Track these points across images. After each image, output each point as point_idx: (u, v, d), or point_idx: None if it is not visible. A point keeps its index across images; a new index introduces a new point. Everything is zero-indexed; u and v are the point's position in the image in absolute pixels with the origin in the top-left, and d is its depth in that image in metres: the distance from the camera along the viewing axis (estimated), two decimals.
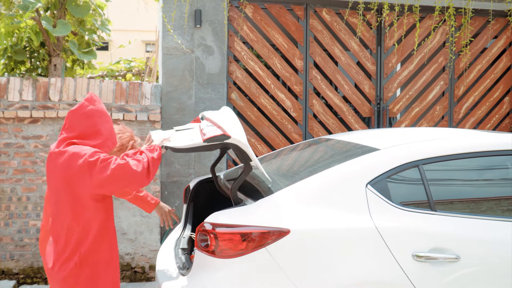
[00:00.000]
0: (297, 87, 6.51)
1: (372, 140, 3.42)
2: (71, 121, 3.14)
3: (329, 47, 6.61)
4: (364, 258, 2.77)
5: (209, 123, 3.09)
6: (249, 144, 3.09)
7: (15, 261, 5.51)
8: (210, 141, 2.88)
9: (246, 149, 2.92)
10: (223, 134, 2.86)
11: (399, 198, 2.93)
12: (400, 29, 6.68)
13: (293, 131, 6.48)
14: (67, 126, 3.14)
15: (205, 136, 2.92)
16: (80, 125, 3.11)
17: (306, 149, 4.03)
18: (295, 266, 2.76)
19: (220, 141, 2.87)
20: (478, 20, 6.93)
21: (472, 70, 7.01)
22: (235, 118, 3.24)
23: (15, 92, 5.46)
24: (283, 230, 2.73)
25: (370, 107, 6.75)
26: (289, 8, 6.50)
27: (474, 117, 7.08)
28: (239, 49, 6.31)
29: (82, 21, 6.31)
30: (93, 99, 3.20)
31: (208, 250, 2.84)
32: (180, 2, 5.90)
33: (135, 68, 9.21)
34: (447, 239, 2.85)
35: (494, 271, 2.88)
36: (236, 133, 2.95)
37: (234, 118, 3.23)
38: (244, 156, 2.97)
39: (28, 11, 5.47)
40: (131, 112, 5.65)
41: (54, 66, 5.96)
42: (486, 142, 3.28)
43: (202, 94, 5.97)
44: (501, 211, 3.10)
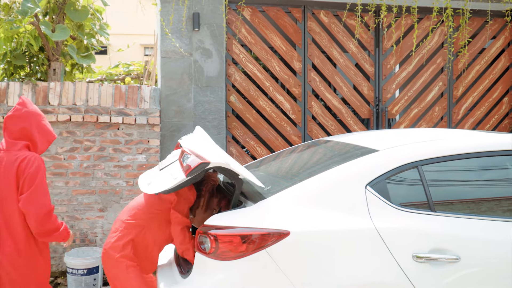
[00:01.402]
0: (295, 89, 6.51)
1: (371, 141, 3.43)
2: (10, 125, 3.51)
3: (327, 49, 6.62)
4: (364, 259, 2.77)
5: (187, 154, 3.09)
6: (231, 159, 3.07)
7: None
8: (192, 174, 2.89)
9: (229, 167, 2.92)
10: (203, 162, 2.86)
11: (399, 199, 2.94)
12: (398, 31, 6.69)
13: (292, 133, 6.49)
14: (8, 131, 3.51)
15: (186, 170, 2.93)
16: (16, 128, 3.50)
17: (305, 151, 4.04)
18: (295, 267, 2.76)
19: (202, 169, 2.87)
20: (476, 21, 6.94)
21: (471, 71, 7.03)
22: (208, 140, 3.26)
23: (14, 96, 5.46)
24: (283, 232, 2.74)
25: (369, 108, 6.76)
26: (287, 10, 6.51)
27: (473, 118, 7.08)
28: (237, 52, 6.32)
29: (80, 26, 6.32)
30: (24, 102, 3.56)
31: (208, 252, 2.84)
32: (178, 6, 5.91)
33: (134, 71, 9.21)
34: (447, 240, 2.85)
35: (494, 271, 2.88)
36: (214, 156, 2.96)
37: (208, 140, 3.25)
38: (231, 173, 2.96)
39: (27, 16, 5.48)
40: (130, 116, 5.65)
41: (53, 71, 5.97)
42: (486, 142, 3.28)
43: (201, 97, 5.98)
44: (501, 211, 3.10)
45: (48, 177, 5.51)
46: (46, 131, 3.62)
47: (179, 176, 3.05)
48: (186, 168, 2.96)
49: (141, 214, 3.42)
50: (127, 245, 3.35)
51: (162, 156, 5.80)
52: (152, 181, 3.41)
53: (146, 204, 3.45)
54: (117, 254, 3.33)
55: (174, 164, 3.38)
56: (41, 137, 3.59)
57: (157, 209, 3.41)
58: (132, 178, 5.66)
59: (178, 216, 3.34)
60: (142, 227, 3.39)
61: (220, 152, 3.14)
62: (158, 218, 3.41)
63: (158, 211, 3.41)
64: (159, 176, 3.43)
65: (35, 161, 3.45)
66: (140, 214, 3.42)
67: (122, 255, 3.33)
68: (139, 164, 5.68)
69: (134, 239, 3.37)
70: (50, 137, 3.65)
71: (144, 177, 3.61)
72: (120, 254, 3.33)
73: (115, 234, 3.40)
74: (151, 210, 3.42)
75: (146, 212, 3.42)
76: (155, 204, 3.43)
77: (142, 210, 3.43)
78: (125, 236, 3.37)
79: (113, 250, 3.36)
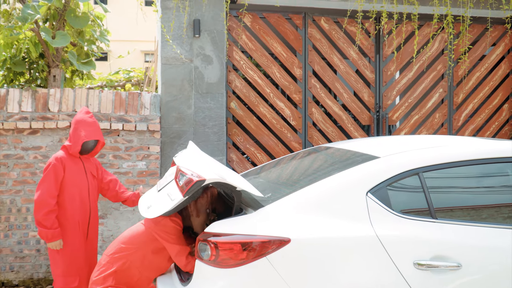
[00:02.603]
0: (296, 95, 6.51)
1: (372, 148, 3.42)
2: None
3: (328, 55, 6.62)
4: (365, 266, 2.76)
5: (182, 175, 3.08)
6: (227, 172, 3.05)
7: (15, 273, 5.49)
8: (189, 193, 2.89)
9: (225, 181, 2.90)
10: (199, 180, 2.85)
11: (400, 206, 2.92)
12: (398, 37, 6.70)
13: (293, 139, 6.48)
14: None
15: (183, 190, 2.92)
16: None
17: (306, 157, 4.02)
18: (296, 275, 2.74)
19: (198, 187, 2.86)
20: (476, 28, 6.95)
21: (471, 78, 7.03)
22: (202, 155, 3.24)
23: (14, 103, 5.46)
24: (284, 239, 2.72)
25: (370, 115, 6.75)
26: (288, 17, 6.52)
27: (473, 125, 7.08)
28: (238, 58, 6.32)
29: (81, 32, 6.32)
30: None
31: (208, 260, 2.82)
32: (178, 12, 5.91)
33: (134, 78, 9.22)
34: (448, 247, 2.83)
35: (495, 279, 2.86)
36: (209, 172, 2.94)
37: (202, 155, 3.24)
38: (228, 187, 2.95)
39: (27, 23, 5.49)
40: (131, 122, 5.64)
41: (53, 77, 5.97)
42: (486, 149, 3.27)
43: (201, 103, 5.97)
44: (502, 218, 3.09)
45: None
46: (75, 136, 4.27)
47: (177, 197, 3.04)
48: (183, 188, 2.95)
49: (126, 247, 3.48)
50: (108, 277, 3.41)
51: (162, 163, 5.79)
52: (152, 204, 3.40)
53: (135, 236, 3.49)
54: (99, 287, 3.41)
55: (171, 184, 3.36)
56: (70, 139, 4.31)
57: (142, 241, 3.45)
58: (132, 185, 5.65)
59: (175, 248, 3.32)
60: (126, 259, 3.43)
61: (215, 166, 3.12)
62: (142, 249, 3.43)
63: (142, 243, 3.44)
64: (157, 198, 3.43)
65: (50, 159, 4.23)
66: (124, 247, 3.47)
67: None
68: (139, 170, 5.67)
69: (117, 271, 3.42)
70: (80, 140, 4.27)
71: (144, 200, 3.62)
72: (101, 287, 3.40)
73: (98, 268, 3.49)
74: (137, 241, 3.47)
75: (134, 243, 3.47)
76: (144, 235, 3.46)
77: (129, 242, 3.48)
78: (107, 270, 3.43)
79: (95, 284, 3.43)
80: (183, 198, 2.95)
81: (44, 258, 5.54)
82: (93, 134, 4.32)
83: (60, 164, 4.19)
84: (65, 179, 4.22)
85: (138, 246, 3.42)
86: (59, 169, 4.18)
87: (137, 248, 3.42)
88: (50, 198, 4.09)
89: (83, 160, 4.41)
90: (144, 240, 3.42)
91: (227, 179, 2.90)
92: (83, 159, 4.41)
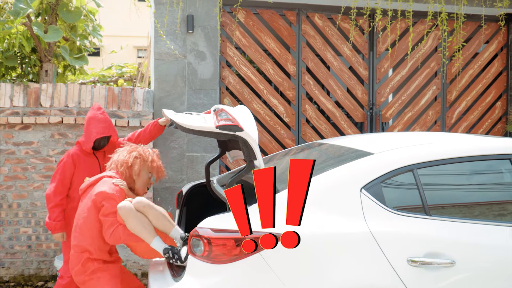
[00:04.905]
0: (289, 92, 6.50)
1: (366, 145, 3.41)
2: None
3: (322, 52, 6.61)
4: (359, 262, 2.75)
5: (225, 113, 3.10)
6: (257, 144, 3.10)
7: (5, 269, 5.45)
8: (222, 129, 2.90)
9: (254, 146, 2.93)
10: (237, 125, 2.87)
11: (394, 203, 2.92)
12: (392, 34, 6.69)
13: (286, 136, 6.47)
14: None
15: (219, 123, 2.93)
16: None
17: (299, 153, 4.02)
18: (289, 271, 2.74)
19: (233, 131, 2.89)
20: (470, 25, 6.95)
21: (464, 75, 7.04)
22: (250, 116, 3.26)
23: (6, 98, 5.41)
24: (277, 235, 2.71)
25: (363, 112, 6.75)
26: (281, 13, 6.50)
27: (466, 122, 7.09)
28: (231, 55, 6.29)
29: (73, 27, 6.28)
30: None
31: (201, 255, 2.81)
32: (172, 8, 5.88)
33: (127, 73, 9.18)
34: (442, 244, 2.83)
35: (490, 276, 2.86)
36: (249, 129, 2.97)
37: (250, 116, 3.26)
38: (250, 154, 2.99)
39: (19, 17, 5.44)
40: (123, 118, 5.61)
41: (45, 72, 5.92)
42: (480, 146, 3.28)
43: (194, 99, 5.94)
44: (497, 215, 3.09)
45: (39, 179, 5.47)
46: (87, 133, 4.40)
47: (209, 123, 3.10)
48: (220, 122, 2.97)
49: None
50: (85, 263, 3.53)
51: None
52: (181, 116, 3.51)
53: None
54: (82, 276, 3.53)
55: (209, 115, 3.47)
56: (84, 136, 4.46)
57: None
58: None
59: (108, 220, 3.46)
60: (86, 248, 3.58)
61: (256, 131, 3.13)
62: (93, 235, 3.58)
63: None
64: (188, 115, 3.63)
65: (64, 154, 4.45)
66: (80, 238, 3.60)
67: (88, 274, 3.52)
68: None
69: (89, 256, 3.54)
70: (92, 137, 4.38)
71: (170, 111, 3.88)
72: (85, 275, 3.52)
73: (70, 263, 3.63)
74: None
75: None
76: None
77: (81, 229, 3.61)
78: (78, 258, 3.55)
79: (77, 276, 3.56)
80: (214, 128, 2.99)
81: (35, 255, 5.51)
82: (104, 131, 4.43)
83: (71, 160, 4.37)
84: (76, 175, 4.38)
85: (90, 233, 3.54)
86: (69, 166, 4.36)
87: (89, 235, 3.54)
88: (56, 194, 4.29)
89: (98, 155, 4.55)
90: (91, 227, 3.54)
91: (256, 147, 2.98)
92: (98, 154, 4.55)
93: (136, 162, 3.74)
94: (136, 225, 3.38)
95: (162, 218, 3.48)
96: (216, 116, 3.19)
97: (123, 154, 3.80)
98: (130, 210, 3.40)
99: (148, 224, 3.42)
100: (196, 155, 5.89)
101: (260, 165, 2.99)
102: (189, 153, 5.87)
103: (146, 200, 3.52)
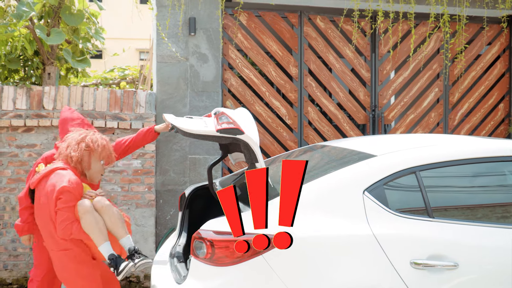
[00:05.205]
0: (292, 94, 6.50)
1: (369, 147, 3.41)
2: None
3: (324, 54, 6.61)
4: (362, 265, 2.75)
5: (225, 117, 3.10)
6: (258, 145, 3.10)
7: (8, 271, 5.46)
8: (223, 132, 2.90)
9: (255, 148, 2.93)
10: (237, 129, 2.87)
11: (397, 205, 2.91)
12: (394, 36, 6.69)
13: (288, 138, 6.47)
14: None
15: (220, 127, 2.93)
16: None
17: (302, 156, 4.01)
18: (292, 273, 2.73)
19: (233, 134, 2.89)
20: (472, 27, 6.95)
21: (467, 77, 7.03)
22: (251, 119, 3.26)
23: (9, 101, 5.42)
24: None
25: (365, 114, 6.74)
26: (284, 15, 6.50)
27: (469, 124, 7.08)
28: (233, 57, 6.30)
29: (76, 30, 6.29)
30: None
31: (204, 257, 2.81)
32: (174, 10, 5.89)
33: (129, 76, 9.20)
34: (445, 246, 2.82)
35: (493, 278, 2.85)
36: (250, 131, 2.96)
37: (250, 118, 3.26)
38: (252, 157, 2.99)
39: (22, 20, 5.45)
40: (126, 121, 5.62)
41: (48, 75, 5.93)
42: (484, 148, 3.27)
43: (196, 102, 5.95)
44: (500, 217, 3.08)
45: None
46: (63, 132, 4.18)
47: (210, 127, 3.09)
48: (221, 125, 2.97)
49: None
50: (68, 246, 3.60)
51: (157, 161, 5.76)
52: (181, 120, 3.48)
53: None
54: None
55: (209, 118, 3.47)
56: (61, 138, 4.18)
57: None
58: (127, 184, 5.62)
59: (64, 214, 3.50)
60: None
61: (257, 133, 3.13)
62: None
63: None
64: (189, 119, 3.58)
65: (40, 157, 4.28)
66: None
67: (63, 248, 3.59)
68: (134, 169, 5.64)
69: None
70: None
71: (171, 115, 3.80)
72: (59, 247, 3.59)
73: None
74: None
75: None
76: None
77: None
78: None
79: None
80: (215, 132, 2.97)
81: None
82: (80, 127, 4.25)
83: (45, 163, 4.17)
84: None
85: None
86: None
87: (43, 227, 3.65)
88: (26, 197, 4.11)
89: None
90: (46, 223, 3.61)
91: (257, 149, 2.98)
92: None
93: (85, 154, 3.75)
94: (89, 224, 3.43)
95: (117, 222, 3.52)
96: (216, 119, 3.19)
97: (72, 146, 3.77)
98: (88, 209, 3.46)
99: (103, 225, 3.48)
100: (198, 157, 5.89)
101: (261, 167, 2.99)
102: (192, 155, 5.88)
103: (106, 202, 3.57)
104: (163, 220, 5.86)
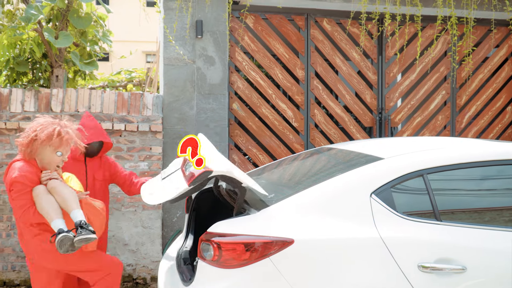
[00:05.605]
0: (298, 97, 6.50)
1: (376, 149, 3.40)
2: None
3: (330, 57, 6.61)
4: (369, 268, 2.74)
5: (189, 163, 3.06)
6: (234, 167, 3.02)
7: (16, 272, 5.48)
8: (195, 183, 2.86)
9: (232, 175, 2.88)
10: (206, 171, 2.83)
11: (404, 208, 2.90)
12: (401, 39, 6.68)
13: (295, 141, 6.47)
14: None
15: (189, 179, 2.90)
16: None
17: (308, 158, 4.01)
18: (299, 276, 2.73)
19: (205, 177, 2.85)
20: (479, 29, 6.93)
21: (474, 80, 7.01)
22: (211, 147, 3.22)
23: (17, 103, 5.45)
24: (287, 240, 2.71)
25: (372, 116, 6.74)
26: (290, 18, 6.51)
27: (476, 127, 7.06)
28: (240, 59, 6.31)
29: (84, 33, 6.31)
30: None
31: (211, 260, 2.81)
32: (181, 13, 5.91)
33: (136, 78, 9.22)
34: (453, 250, 2.81)
35: (501, 282, 2.83)
36: (217, 165, 2.92)
37: (210, 147, 3.22)
38: (234, 182, 2.93)
39: (30, 23, 5.48)
40: (133, 123, 5.63)
41: (56, 77, 5.96)
42: (492, 151, 3.26)
43: (203, 104, 5.96)
44: (508, 221, 3.07)
45: None
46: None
47: (181, 186, 3.03)
48: (189, 177, 2.93)
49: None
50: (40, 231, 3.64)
51: (164, 164, 5.77)
52: (155, 191, 3.40)
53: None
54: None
55: (177, 173, 3.36)
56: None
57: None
58: None
59: (20, 202, 3.53)
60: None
61: (223, 160, 3.11)
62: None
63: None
64: (161, 185, 3.42)
65: None
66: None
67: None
68: (141, 171, 5.66)
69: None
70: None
71: (147, 187, 3.63)
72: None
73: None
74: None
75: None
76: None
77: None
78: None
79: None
80: (188, 187, 2.94)
81: None
82: (93, 137, 4.32)
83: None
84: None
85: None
86: None
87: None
88: None
89: (88, 162, 4.42)
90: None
91: (234, 174, 2.88)
92: (89, 161, 4.43)
93: (32, 144, 3.68)
94: (41, 205, 3.47)
95: (67, 199, 3.52)
96: (183, 173, 3.17)
97: (26, 134, 3.74)
98: (41, 191, 3.52)
99: (55, 205, 3.50)
100: None
101: (248, 184, 2.94)
102: None
103: (56, 182, 3.58)
104: (170, 222, 5.87)
